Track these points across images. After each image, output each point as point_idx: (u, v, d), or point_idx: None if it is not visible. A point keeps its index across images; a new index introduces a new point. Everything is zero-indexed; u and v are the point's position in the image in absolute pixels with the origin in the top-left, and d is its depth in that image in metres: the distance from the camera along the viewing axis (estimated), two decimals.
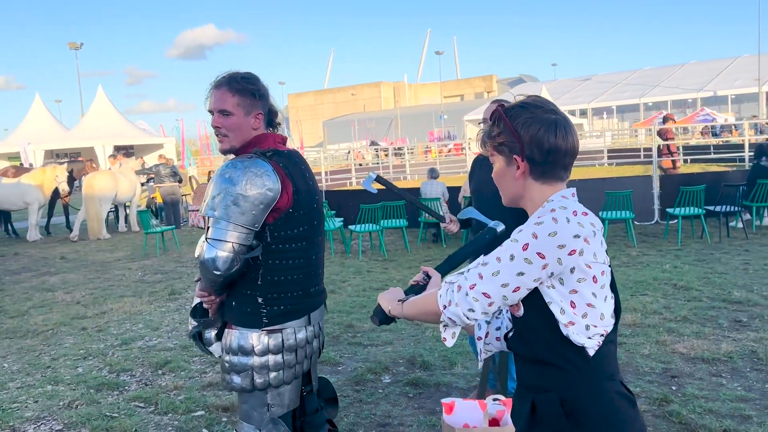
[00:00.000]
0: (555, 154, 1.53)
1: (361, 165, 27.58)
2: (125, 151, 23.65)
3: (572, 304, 1.48)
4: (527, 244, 1.44)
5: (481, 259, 1.53)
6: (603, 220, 8.69)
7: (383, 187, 3.03)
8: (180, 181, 13.92)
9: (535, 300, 1.51)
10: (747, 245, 8.46)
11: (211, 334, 2.50)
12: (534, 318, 1.53)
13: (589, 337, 1.49)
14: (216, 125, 2.30)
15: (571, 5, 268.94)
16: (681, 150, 17.99)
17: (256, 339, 2.27)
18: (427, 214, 9.79)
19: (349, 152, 30.24)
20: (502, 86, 77.96)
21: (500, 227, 2.07)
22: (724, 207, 9.07)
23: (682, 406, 3.63)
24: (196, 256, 2.35)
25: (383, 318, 1.78)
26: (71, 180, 13.83)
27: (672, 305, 5.70)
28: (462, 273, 1.55)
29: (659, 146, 11.78)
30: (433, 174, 10.50)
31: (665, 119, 13.28)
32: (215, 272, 2.15)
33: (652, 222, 10.77)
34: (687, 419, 3.47)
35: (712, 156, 22.02)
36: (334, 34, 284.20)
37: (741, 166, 16.21)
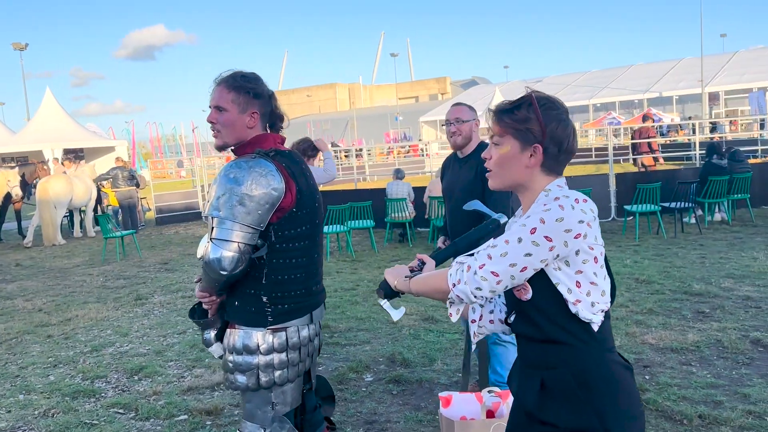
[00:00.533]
0: (568, 153, 1.65)
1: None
2: (75, 154, 22.94)
3: (578, 284, 1.58)
4: (535, 228, 1.53)
5: (491, 242, 1.61)
6: None
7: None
8: (138, 185, 13.62)
9: (543, 283, 1.60)
10: (701, 240, 8.81)
11: (210, 334, 2.49)
12: (543, 300, 1.62)
13: (594, 313, 1.60)
14: (210, 120, 2.32)
15: (521, 8, 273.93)
16: (631, 149, 18.61)
17: (261, 338, 2.27)
18: (395, 215, 9.76)
19: None
20: (455, 88, 78.80)
21: (503, 219, 2.11)
22: (678, 203, 9.42)
23: (658, 394, 3.78)
24: (198, 256, 2.34)
25: (388, 291, 1.85)
26: (24, 184, 13.37)
27: (636, 298, 5.91)
28: (471, 254, 1.62)
29: (638, 144, 12.12)
30: (398, 175, 10.57)
31: (645, 117, 13.77)
32: (221, 272, 2.14)
33: (609, 219, 11.10)
34: (663, 406, 3.61)
35: (660, 154, 22.78)
36: (287, 35, 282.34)
37: (689, 164, 16.86)
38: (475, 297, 1.59)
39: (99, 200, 14.26)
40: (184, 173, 37.34)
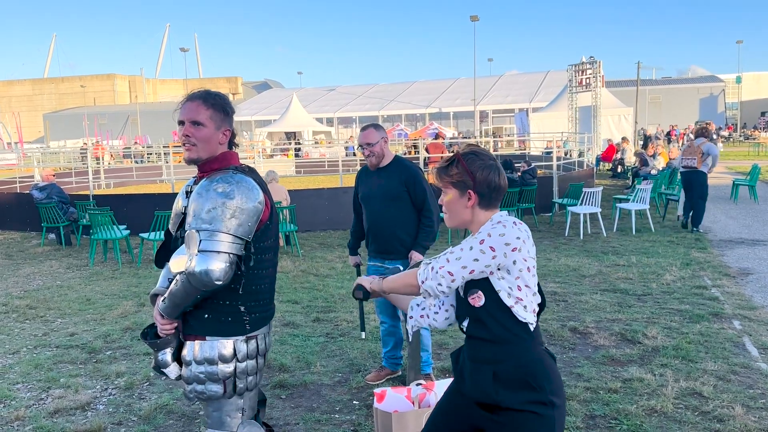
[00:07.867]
0: (497, 190, 2.13)
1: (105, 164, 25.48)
2: None
3: (518, 288, 2.03)
4: (483, 240, 1.99)
5: (449, 249, 2.08)
6: None
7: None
8: None
9: (491, 291, 2.05)
10: None
11: (166, 355, 2.45)
12: (493, 307, 2.06)
13: (527, 313, 2.05)
14: (187, 134, 2.36)
15: (312, 17, 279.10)
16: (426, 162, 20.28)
17: (238, 345, 2.36)
18: None
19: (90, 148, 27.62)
20: (248, 89, 77.86)
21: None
22: None
23: None
24: (175, 271, 2.33)
25: (366, 294, 2.27)
26: None
27: None
28: (436, 258, 2.09)
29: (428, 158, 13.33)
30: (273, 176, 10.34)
31: (437, 135, 15.16)
32: (216, 282, 2.19)
33: None
34: None
35: None
36: (54, 18, 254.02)
37: None
38: (437, 291, 2.03)
39: None
40: None
